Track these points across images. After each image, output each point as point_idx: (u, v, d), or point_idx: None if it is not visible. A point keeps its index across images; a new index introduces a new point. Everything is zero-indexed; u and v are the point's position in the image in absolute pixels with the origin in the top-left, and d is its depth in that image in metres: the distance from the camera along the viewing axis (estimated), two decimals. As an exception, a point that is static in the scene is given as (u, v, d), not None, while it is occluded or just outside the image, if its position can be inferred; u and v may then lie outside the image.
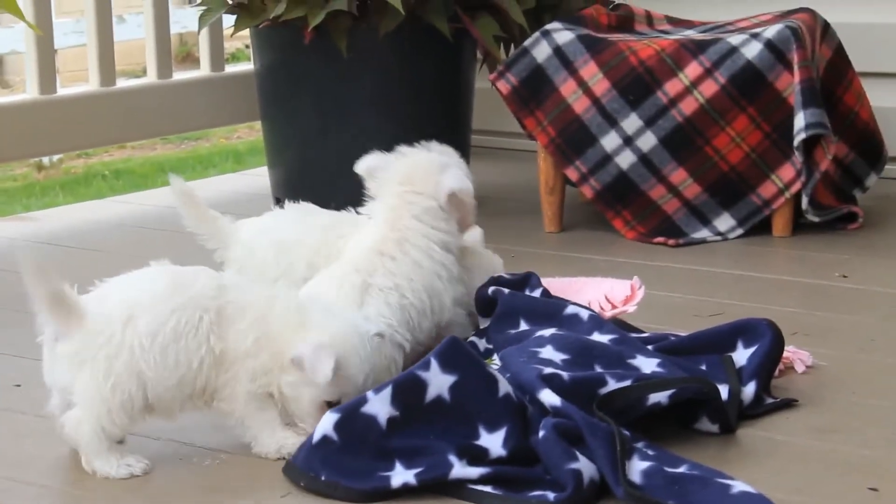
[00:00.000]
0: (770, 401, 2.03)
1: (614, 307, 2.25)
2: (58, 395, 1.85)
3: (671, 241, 3.03)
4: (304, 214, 2.25)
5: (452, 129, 3.34)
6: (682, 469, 1.77)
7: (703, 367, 2.07)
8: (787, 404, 2.04)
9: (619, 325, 2.19)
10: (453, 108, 3.34)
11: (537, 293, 2.26)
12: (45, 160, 5.77)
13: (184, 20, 6.13)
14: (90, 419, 1.79)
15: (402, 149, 2.18)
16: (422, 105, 3.26)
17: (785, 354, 2.14)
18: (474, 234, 2.29)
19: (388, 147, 2.18)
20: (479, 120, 3.61)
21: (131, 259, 2.01)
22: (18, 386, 2.17)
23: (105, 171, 5.78)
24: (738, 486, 1.72)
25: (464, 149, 3.41)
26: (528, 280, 2.29)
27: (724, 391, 1.97)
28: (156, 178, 5.40)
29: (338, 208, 2.28)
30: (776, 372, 2.10)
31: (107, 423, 1.79)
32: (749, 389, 2.02)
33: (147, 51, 3.69)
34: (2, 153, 3.42)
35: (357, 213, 2.20)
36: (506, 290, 2.21)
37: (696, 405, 1.95)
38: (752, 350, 2.07)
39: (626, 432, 1.83)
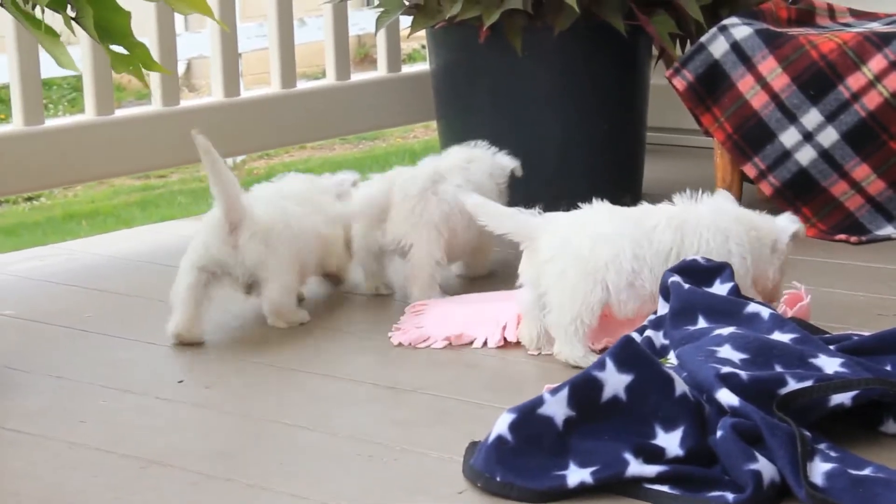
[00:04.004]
0: (959, 403, 1.97)
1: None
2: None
3: (853, 239, 2.96)
4: (611, 210, 2.30)
5: (628, 127, 3.33)
6: (866, 471, 1.73)
7: (889, 368, 2.01)
8: (978, 407, 1.97)
9: (799, 324, 2.15)
10: (629, 105, 3.32)
11: (727, 287, 2.17)
12: (230, 161, 5.93)
13: (362, 22, 6.23)
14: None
15: None
16: (597, 102, 3.25)
17: (975, 355, 2.07)
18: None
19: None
20: (655, 117, 3.58)
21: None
22: (181, 382, 2.25)
23: (286, 171, 5.90)
24: (926, 490, 1.67)
25: (639, 146, 3.39)
26: (722, 270, 2.20)
27: (910, 393, 1.92)
28: (334, 179, 5.49)
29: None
30: (966, 373, 2.04)
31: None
32: (937, 391, 1.96)
33: (326, 53, 3.77)
34: (191, 155, 3.53)
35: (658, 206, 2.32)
36: (685, 285, 2.17)
37: (881, 407, 1.90)
38: (940, 350, 2.01)
39: (808, 433, 1.80)
